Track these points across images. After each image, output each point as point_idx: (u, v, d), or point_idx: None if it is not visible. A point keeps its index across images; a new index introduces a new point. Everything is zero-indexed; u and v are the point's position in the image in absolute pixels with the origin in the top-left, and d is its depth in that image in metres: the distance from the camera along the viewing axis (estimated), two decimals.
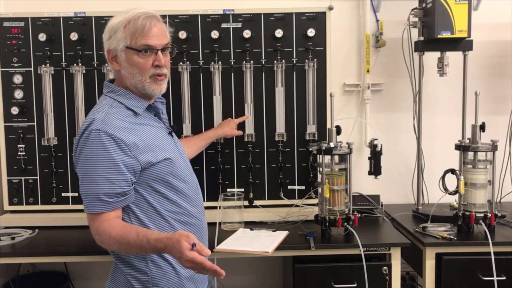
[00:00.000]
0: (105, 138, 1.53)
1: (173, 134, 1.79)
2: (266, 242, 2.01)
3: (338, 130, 2.18)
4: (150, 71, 1.63)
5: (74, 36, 2.34)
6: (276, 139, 2.42)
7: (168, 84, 1.74)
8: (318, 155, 2.18)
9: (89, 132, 1.55)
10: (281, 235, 2.10)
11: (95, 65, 2.37)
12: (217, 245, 1.99)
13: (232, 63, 2.39)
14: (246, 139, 2.41)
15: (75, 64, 2.37)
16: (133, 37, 1.59)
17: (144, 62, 1.61)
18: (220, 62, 2.38)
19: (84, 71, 2.37)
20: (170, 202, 1.64)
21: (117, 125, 1.56)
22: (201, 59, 2.39)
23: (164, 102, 1.84)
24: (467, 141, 2.31)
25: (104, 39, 1.66)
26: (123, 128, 1.57)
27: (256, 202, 2.42)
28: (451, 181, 2.27)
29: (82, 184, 1.57)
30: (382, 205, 2.52)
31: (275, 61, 2.38)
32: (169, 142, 1.71)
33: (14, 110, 2.37)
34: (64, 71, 2.38)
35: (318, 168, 2.25)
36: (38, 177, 2.40)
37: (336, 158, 2.17)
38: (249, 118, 2.40)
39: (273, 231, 2.17)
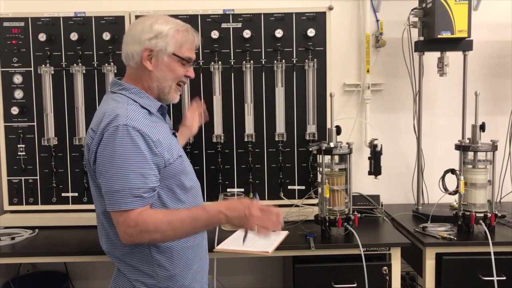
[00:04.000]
0: (134, 134, 1.51)
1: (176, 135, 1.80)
2: (266, 242, 2.00)
3: (338, 130, 2.18)
4: (180, 79, 1.70)
5: (74, 36, 2.34)
6: (276, 139, 2.42)
7: None
8: (318, 155, 2.18)
9: (116, 128, 1.51)
10: (281, 235, 2.09)
11: (95, 65, 2.37)
12: (217, 245, 1.99)
13: (232, 63, 2.39)
14: (246, 139, 2.41)
15: (75, 64, 2.37)
16: (182, 46, 1.65)
17: (182, 71, 1.68)
18: (220, 62, 2.38)
19: (84, 71, 2.37)
20: (180, 202, 1.64)
21: (142, 121, 1.56)
22: (201, 59, 2.39)
23: (166, 108, 1.84)
24: (467, 141, 2.31)
25: (144, 38, 1.62)
26: (147, 125, 1.56)
27: None
28: (451, 181, 2.28)
29: (111, 181, 1.50)
30: (382, 205, 2.52)
31: (275, 61, 2.38)
32: (177, 142, 1.73)
33: (14, 110, 2.37)
34: (64, 71, 2.38)
35: (318, 168, 2.25)
36: (38, 177, 2.40)
37: (336, 158, 2.17)
38: (249, 118, 2.40)
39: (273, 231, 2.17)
